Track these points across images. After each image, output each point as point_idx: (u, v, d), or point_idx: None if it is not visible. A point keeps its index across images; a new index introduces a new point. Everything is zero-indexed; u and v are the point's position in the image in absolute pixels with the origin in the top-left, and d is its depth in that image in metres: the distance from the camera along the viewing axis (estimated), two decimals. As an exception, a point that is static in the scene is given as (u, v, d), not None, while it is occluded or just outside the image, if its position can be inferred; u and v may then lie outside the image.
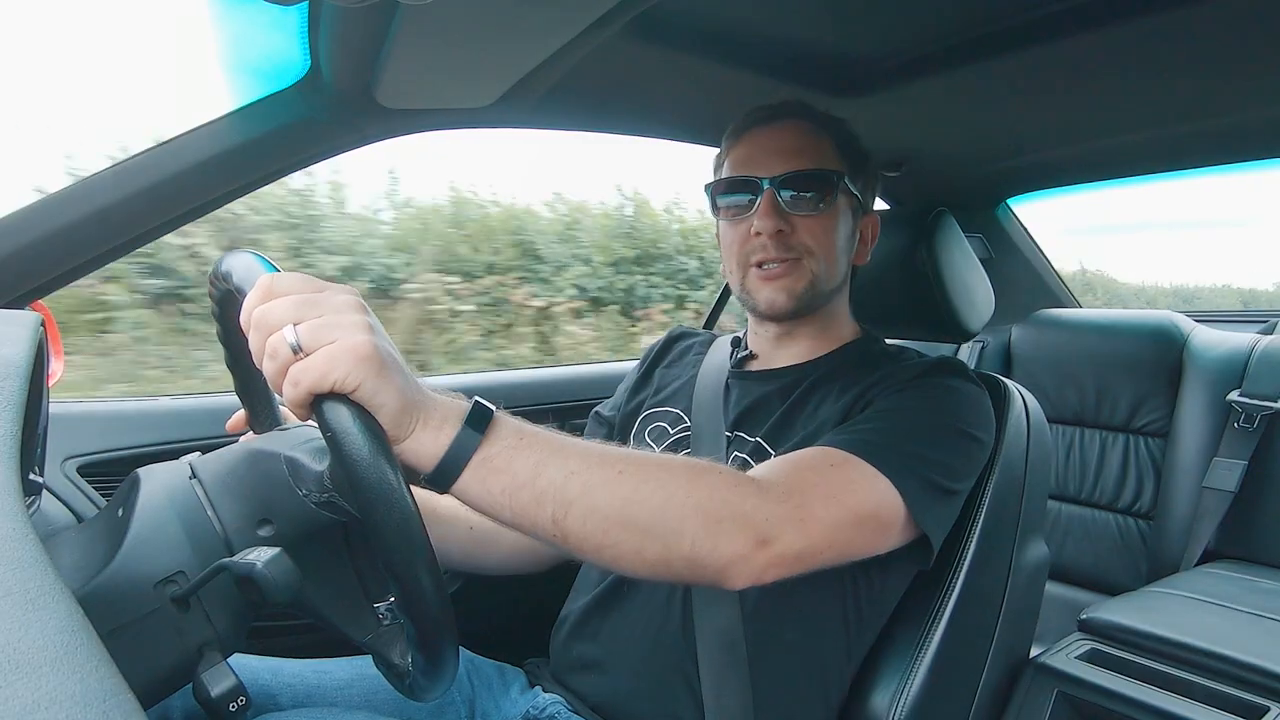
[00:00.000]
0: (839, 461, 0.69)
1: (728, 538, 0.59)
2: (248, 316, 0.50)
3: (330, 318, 0.49)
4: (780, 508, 0.62)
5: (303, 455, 0.59)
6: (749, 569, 0.60)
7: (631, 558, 0.58)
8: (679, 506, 0.58)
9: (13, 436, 0.43)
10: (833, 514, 0.65)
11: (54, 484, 1.01)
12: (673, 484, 0.58)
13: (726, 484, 0.61)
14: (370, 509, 0.48)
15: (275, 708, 0.79)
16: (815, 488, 0.66)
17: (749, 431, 0.88)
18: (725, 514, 0.59)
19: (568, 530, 0.55)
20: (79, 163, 2.31)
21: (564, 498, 0.55)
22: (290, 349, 0.48)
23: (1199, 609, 1.14)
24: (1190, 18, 0.90)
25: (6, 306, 0.88)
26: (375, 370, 0.48)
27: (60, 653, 0.29)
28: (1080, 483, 1.71)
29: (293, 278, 0.51)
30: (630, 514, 0.56)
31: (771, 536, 0.60)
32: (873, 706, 0.84)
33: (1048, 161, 1.59)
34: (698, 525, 0.58)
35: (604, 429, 1.05)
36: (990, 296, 1.08)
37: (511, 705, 0.89)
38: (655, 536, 0.57)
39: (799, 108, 0.91)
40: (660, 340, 1.11)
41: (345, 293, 0.51)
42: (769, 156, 0.87)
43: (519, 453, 0.54)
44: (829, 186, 0.86)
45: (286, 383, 0.48)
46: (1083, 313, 1.88)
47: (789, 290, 0.87)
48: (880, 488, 0.69)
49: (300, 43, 0.89)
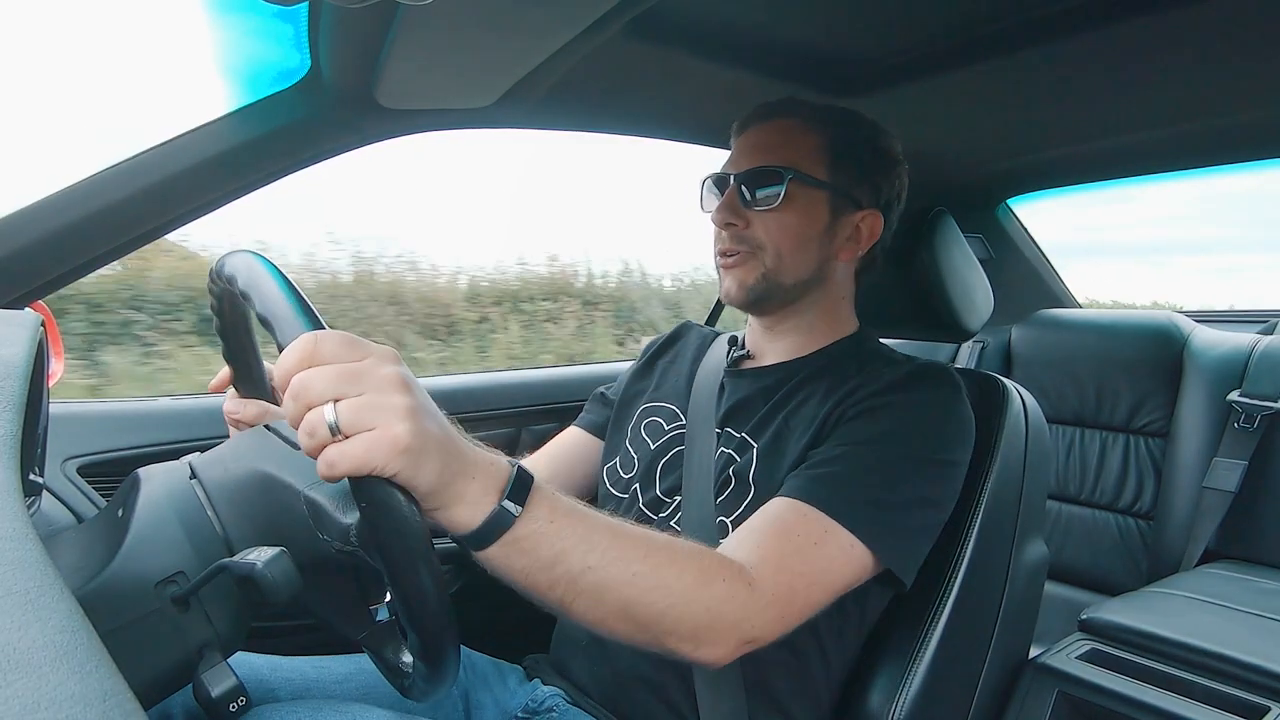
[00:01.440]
0: (820, 536, 0.71)
1: (711, 645, 0.64)
2: (286, 378, 0.48)
3: (371, 398, 0.47)
4: (768, 612, 0.66)
5: (326, 501, 0.57)
6: (724, 662, 0.66)
7: (619, 638, 0.63)
8: (677, 615, 0.61)
9: (13, 436, 0.43)
10: (813, 599, 0.70)
11: (54, 484, 1.01)
12: (678, 593, 0.61)
13: (725, 596, 0.64)
14: (398, 574, 0.48)
15: (274, 701, 0.79)
16: (800, 578, 0.69)
17: (735, 427, 0.89)
18: (718, 625, 0.63)
19: (570, 609, 0.59)
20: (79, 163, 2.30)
21: (575, 588, 0.58)
22: (329, 430, 0.47)
23: (1199, 609, 1.14)
24: (1190, 18, 0.90)
25: (6, 306, 0.88)
26: (412, 460, 0.48)
27: (60, 653, 0.29)
28: (1080, 483, 1.71)
29: (336, 341, 0.49)
30: (630, 614, 0.60)
31: (754, 638, 0.66)
32: (871, 706, 0.84)
33: (1048, 161, 1.59)
34: (689, 631, 0.62)
35: (606, 410, 1.07)
36: (990, 296, 1.08)
37: (510, 697, 0.90)
38: (648, 633, 0.62)
39: (793, 105, 0.92)
40: (665, 334, 1.11)
41: (388, 364, 0.49)
42: (744, 153, 0.91)
43: (545, 539, 0.56)
44: (779, 181, 0.87)
45: (322, 462, 0.47)
46: (1083, 313, 1.88)
47: (740, 281, 0.89)
48: (857, 554, 0.72)
49: (300, 43, 0.89)
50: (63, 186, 0.89)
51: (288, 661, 0.84)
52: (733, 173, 0.89)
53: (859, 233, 0.91)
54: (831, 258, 0.91)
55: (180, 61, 1.52)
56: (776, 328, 0.94)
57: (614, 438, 1.01)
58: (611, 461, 0.98)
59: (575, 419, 1.10)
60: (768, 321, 0.95)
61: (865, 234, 0.92)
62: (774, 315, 0.94)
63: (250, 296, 0.55)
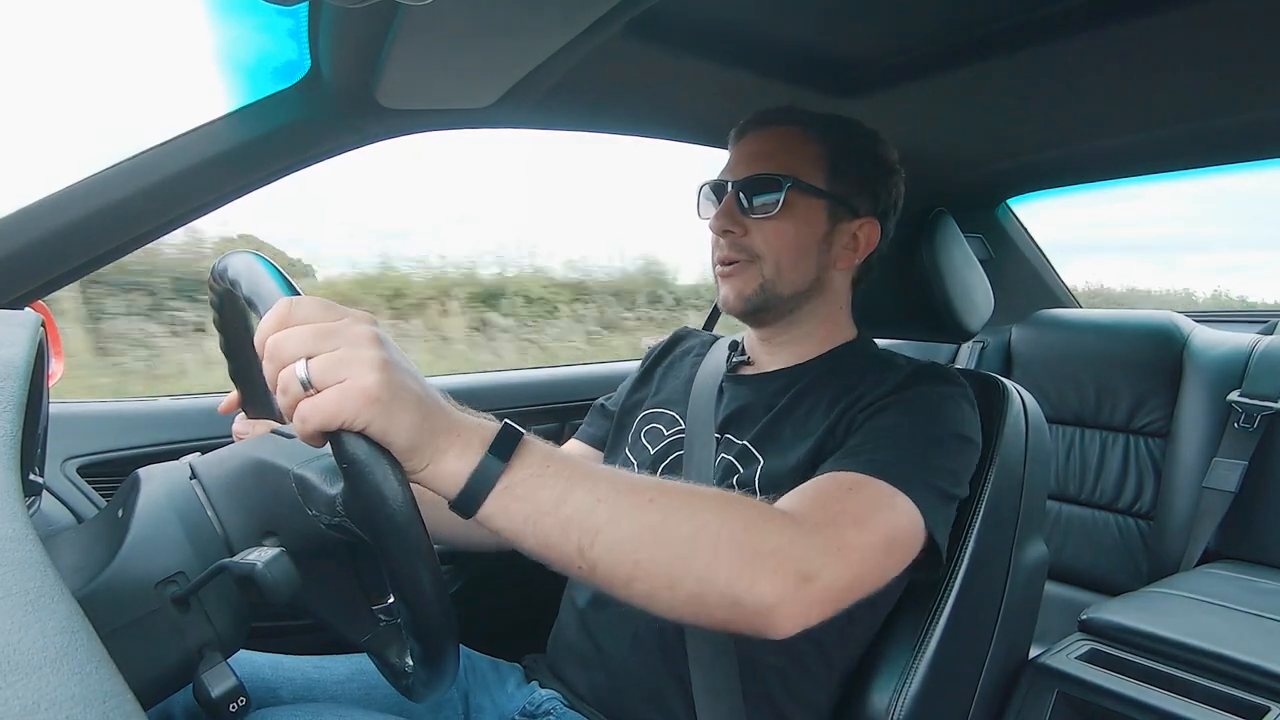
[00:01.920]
0: (856, 485, 0.69)
1: (767, 576, 0.56)
2: (262, 342, 0.49)
3: (344, 352, 0.48)
4: (816, 538, 0.60)
5: (313, 475, 0.58)
6: (794, 610, 0.57)
7: (665, 594, 0.55)
8: (712, 537, 0.55)
9: (13, 436, 0.43)
10: (866, 539, 0.64)
11: (54, 484, 1.01)
12: (705, 513, 0.56)
13: (759, 516, 0.59)
14: (383, 540, 0.48)
15: (276, 701, 0.79)
16: (843, 514, 0.64)
17: (736, 434, 0.88)
18: (762, 548, 0.56)
19: (595, 560, 0.53)
20: (78, 163, 2.30)
21: (590, 525, 0.53)
22: (301, 385, 0.47)
23: (1199, 609, 1.14)
24: (1190, 18, 0.90)
25: (6, 306, 0.88)
26: (383, 410, 0.48)
27: (60, 653, 0.29)
28: (1080, 483, 1.71)
29: (311, 304, 0.50)
30: (661, 542, 0.54)
31: (812, 572, 0.58)
32: (872, 706, 0.84)
33: (1048, 161, 1.58)
34: (733, 558, 0.55)
35: (606, 422, 1.06)
36: (990, 296, 1.08)
37: (508, 700, 0.90)
38: (688, 569, 0.54)
39: (793, 113, 0.92)
40: (664, 340, 1.11)
41: (363, 323, 0.50)
42: (742, 160, 0.90)
43: (544, 480, 0.53)
44: (777, 189, 0.86)
45: (295, 418, 0.48)
46: (1083, 313, 1.88)
47: (738, 291, 0.89)
48: (900, 505, 0.68)
49: (300, 43, 0.89)
50: (63, 186, 0.89)
51: (290, 661, 0.85)
52: (731, 180, 0.89)
53: (856, 241, 0.91)
54: (829, 267, 0.91)
55: (180, 61, 1.52)
56: (775, 338, 0.94)
57: (615, 447, 1.01)
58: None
59: (575, 419, 1.10)
60: (765, 333, 0.95)
61: (863, 242, 0.91)
62: (772, 327, 0.93)
63: (239, 283, 0.56)
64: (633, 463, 0.95)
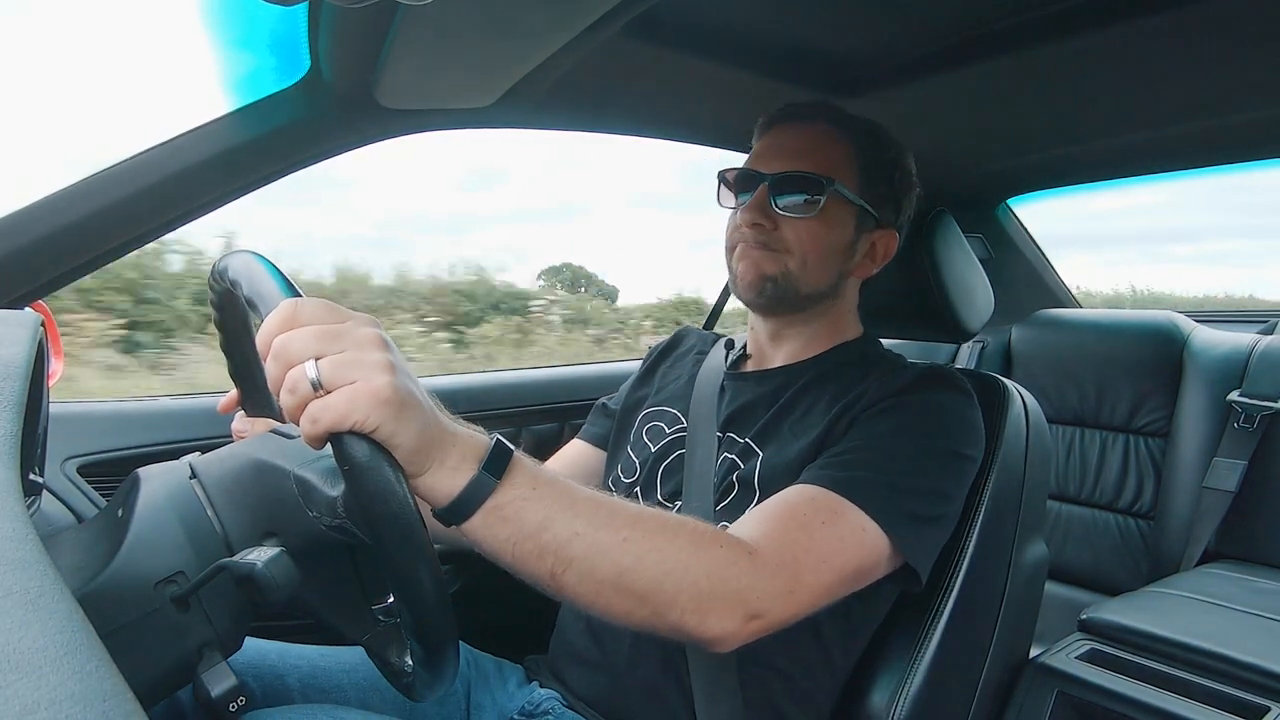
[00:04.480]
0: (829, 515, 0.70)
1: (717, 616, 0.60)
2: (266, 342, 0.49)
3: (352, 354, 0.48)
4: (773, 583, 0.64)
5: (314, 477, 0.58)
6: (735, 640, 0.62)
7: (620, 617, 0.60)
8: (676, 581, 0.59)
9: (13, 436, 0.43)
10: (823, 580, 0.67)
11: (54, 484, 1.01)
12: (673, 559, 0.59)
13: (724, 560, 0.62)
14: (384, 542, 0.48)
15: (283, 688, 0.80)
16: (807, 554, 0.67)
17: (739, 432, 0.88)
18: (720, 592, 0.61)
19: (563, 585, 0.57)
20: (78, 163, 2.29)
21: (565, 555, 0.56)
22: (310, 385, 0.47)
23: (1199, 609, 1.14)
24: (1190, 18, 0.90)
25: (6, 306, 0.88)
26: (394, 413, 0.48)
27: (60, 653, 0.29)
28: (1080, 483, 1.71)
29: (316, 305, 0.50)
30: (626, 582, 0.58)
31: (761, 612, 0.63)
32: (872, 706, 0.84)
33: (1048, 161, 1.59)
34: (690, 600, 0.59)
35: (608, 421, 1.06)
36: (990, 296, 1.08)
37: (509, 699, 0.90)
38: (647, 605, 0.59)
39: (826, 109, 0.91)
40: (665, 339, 1.11)
41: (368, 325, 0.50)
42: (775, 154, 0.88)
43: (529, 504, 0.55)
44: (819, 190, 0.85)
45: (304, 419, 0.48)
46: (1083, 313, 1.88)
47: (759, 266, 0.87)
48: (870, 538, 0.70)
49: (300, 43, 0.89)
50: (63, 186, 0.89)
51: (296, 649, 0.85)
52: (765, 173, 0.87)
53: (875, 250, 0.91)
54: (848, 274, 0.91)
55: (180, 61, 1.52)
56: (781, 333, 0.94)
57: (617, 446, 1.01)
58: (614, 469, 0.98)
59: (575, 419, 1.10)
60: (773, 325, 0.94)
61: (880, 252, 0.92)
62: (780, 319, 0.93)
63: (240, 284, 0.56)
64: (634, 461, 0.95)
